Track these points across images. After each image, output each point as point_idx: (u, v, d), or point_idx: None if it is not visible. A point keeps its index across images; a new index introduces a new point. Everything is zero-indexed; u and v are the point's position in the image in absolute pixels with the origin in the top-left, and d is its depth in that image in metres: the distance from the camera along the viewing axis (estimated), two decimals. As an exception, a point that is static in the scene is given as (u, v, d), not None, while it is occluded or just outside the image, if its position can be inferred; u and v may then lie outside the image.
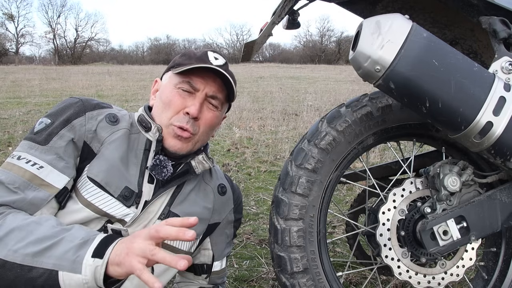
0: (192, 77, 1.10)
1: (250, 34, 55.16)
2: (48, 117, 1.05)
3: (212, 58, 1.13)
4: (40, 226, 0.86)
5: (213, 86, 1.12)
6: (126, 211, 1.05)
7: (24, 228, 0.85)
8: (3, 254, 0.81)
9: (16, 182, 0.94)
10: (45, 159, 0.98)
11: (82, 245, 0.82)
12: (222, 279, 1.36)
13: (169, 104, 1.11)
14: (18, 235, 0.83)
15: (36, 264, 0.80)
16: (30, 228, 0.85)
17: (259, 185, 3.21)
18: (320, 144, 1.23)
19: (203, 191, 1.23)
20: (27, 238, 0.83)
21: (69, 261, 0.80)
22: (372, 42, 0.97)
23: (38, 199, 0.95)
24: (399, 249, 1.24)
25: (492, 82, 0.98)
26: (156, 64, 38.94)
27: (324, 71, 22.26)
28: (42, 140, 1.00)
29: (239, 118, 5.99)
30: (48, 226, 0.86)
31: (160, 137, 1.11)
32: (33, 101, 8.03)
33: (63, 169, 1.00)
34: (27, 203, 0.93)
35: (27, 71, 18.87)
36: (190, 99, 1.11)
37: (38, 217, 0.90)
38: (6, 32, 46.49)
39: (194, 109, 1.09)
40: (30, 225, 0.86)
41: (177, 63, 1.15)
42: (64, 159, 1.01)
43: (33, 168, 0.96)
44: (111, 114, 1.09)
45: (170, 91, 1.12)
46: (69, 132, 1.03)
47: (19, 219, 0.87)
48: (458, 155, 1.36)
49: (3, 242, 0.82)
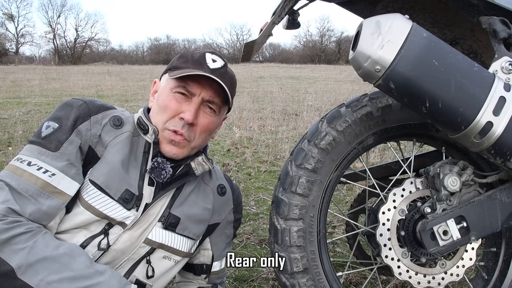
0: (188, 81, 1.09)
1: (250, 34, 55.19)
2: (54, 121, 1.03)
3: (210, 60, 1.11)
4: (74, 261, 0.88)
5: (209, 91, 1.10)
6: (126, 214, 1.04)
7: (58, 259, 0.87)
8: (34, 282, 0.82)
9: (29, 190, 0.94)
10: (56, 166, 0.98)
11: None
12: (221, 279, 1.36)
13: (165, 108, 1.10)
14: (51, 266, 0.85)
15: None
16: (63, 261, 0.87)
17: (259, 185, 3.21)
18: (320, 144, 1.23)
19: (202, 192, 1.22)
20: (61, 273, 0.85)
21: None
22: (372, 42, 0.97)
23: (52, 208, 0.96)
24: (399, 249, 1.24)
25: (492, 82, 0.98)
26: (156, 64, 38.93)
27: (324, 71, 22.26)
28: (53, 147, 1.00)
29: (239, 118, 5.99)
30: (81, 263, 0.89)
31: (156, 140, 1.10)
32: (33, 101, 8.03)
33: (74, 176, 1.00)
34: (42, 213, 0.94)
35: (27, 71, 18.89)
36: (186, 103, 1.10)
37: (68, 247, 0.92)
38: (6, 32, 46.63)
39: (189, 114, 1.08)
40: (63, 257, 0.88)
41: (174, 66, 1.14)
42: (75, 166, 1.01)
43: (45, 175, 0.96)
44: (115, 117, 1.09)
45: (167, 95, 1.11)
46: (77, 137, 1.02)
47: (51, 247, 0.89)
48: (458, 155, 1.36)
49: (33, 270, 0.83)
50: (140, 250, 1.08)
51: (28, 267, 0.84)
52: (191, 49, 1.20)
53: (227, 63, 1.16)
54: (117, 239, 1.03)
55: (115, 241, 1.03)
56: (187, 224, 1.15)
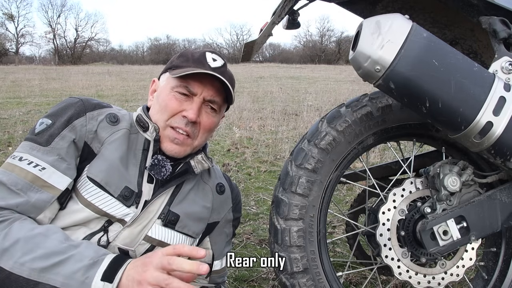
0: (189, 81, 1.09)
1: (250, 34, 55.20)
2: (48, 118, 1.04)
3: (210, 59, 1.12)
4: (47, 239, 0.86)
5: (210, 90, 1.11)
6: (126, 211, 1.05)
7: (31, 240, 0.85)
8: (9, 265, 0.81)
9: (19, 184, 0.93)
10: (47, 160, 0.98)
11: (91, 266, 0.82)
12: (222, 278, 1.36)
13: (166, 107, 1.10)
14: (24, 247, 0.83)
15: (43, 280, 0.80)
16: (37, 241, 0.85)
17: (259, 185, 3.21)
18: (320, 144, 1.23)
19: (202, 191, 1.23)
20: (34, 252, 0.83)
21: (78, 282, 0.80)
22: (372, 42, 0.97)
23: (41, 201, 0.95)
24: (399, 249, 1.24)
25: (492, 82, 0.98)
26: (156, 64, 38.94)
27: (324, 71, 22.27)
28: (44, 141, 1.00)
29: (239, 118, 5.99)
30: (55, 240, 0.86)
31: (157, 137, 1.11)
32: (33, 101, 8.03)
33: (65, 170, 1.00)
34: (30, 205, 0.93)
35: (27, 71, 18.89)
36: (187, 103, 1.10)
37: (44, 228, 0.90)
38: (6, 32, 46.61)
39: (192, 113, 1.08)
40: (37, 237, 0.86)
41: (175, 65, 1.14)
42: (66, 160, 1.01)
43: (35, 169, 0.96)
44: (111, 114, 1.09)
45: (167, 94, 1.11)
46: (70, 132, 1.02)
47: (25, 229, 0.87)
48: (458, 155, 1.36)
49: (8, 253, 0.82)
50: (140, 248, 1.08)
51: (3, 252, 0.82)
52: (190, 49, 1.19)
53: (226, 62, 1.17)
54: (116, 236, 1.04)
55: (114, 238, 1.03)
56: (187, 221, 1.15)
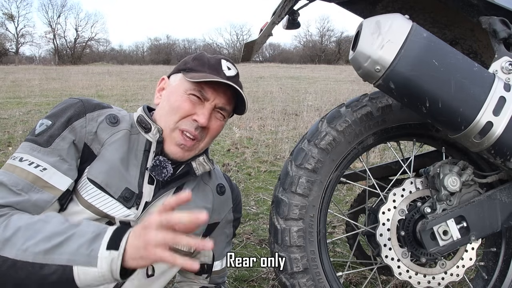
0: (204, 86, 1.10)
1: (250, 34, 55.17)
2: (48, 119, 1.04)
3: (226, 68, 1.13)
4: (48, 224, 0.85)
5: (223, 98, 1.12)
6: (126, 212, 1.05)
7: (31, 226, 0.84)
8: (12, 254, 0.81)
9: (19, 184, 0.93)
10: (48, 161, 0.98)
11: (94, 238, 0.82)
12: (222, 278, 1.36)
13: (178, 109, 1.10)
14: (26, 234, 0.83)
15: (48, 261, 0.80)
16: (37, 226, 0.85)
17: (259, 185, 3.21)
18: (320, 144, 1.23)
19: (202, 191, 1.23)
20: (36, 236, 0.82)
21: (84, 255, 0.80)
22: (372, 42, 0.97)
23: (42, 201, 0.95)
24: (399, 249, 1.24)
25: (492, 82, 0.98)
26: (156, 64, 38.98)
27: (324, 71, 22.26)
28: (44, 142, 1.00)
29: (239, 118, 5.99)
30: (56, 223, 0.86)
31: (161, 138, 1.11)
32: (33, 101, 8.03)
33: (66, 171, 1.00)
34: (31, 204, 0.93)
35: (27, 71, 18.89)
36: (199, 107, 1.11)
37: (44, 215, 0.90)
38: (6, 32, 46.61)
39: (203, 118, 1.09)
40: (37, 223, 0.86)
41: (189, 67, 1.14)
42: (67, 161, 1.01)
43: (36, 170, 0.96)
44: (111, 115, 1.09)
45: (180, 95, 1.11)
46: (70, 134, 1.02)
47: (24, 219, 0.87)
48: (458, 155, 1.36)
49: (10, 242, 0.82)
50: None
51: (5, 242, 0.82)
52: (204, 53, 1.20)
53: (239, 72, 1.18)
54: None
55: None
56: None
